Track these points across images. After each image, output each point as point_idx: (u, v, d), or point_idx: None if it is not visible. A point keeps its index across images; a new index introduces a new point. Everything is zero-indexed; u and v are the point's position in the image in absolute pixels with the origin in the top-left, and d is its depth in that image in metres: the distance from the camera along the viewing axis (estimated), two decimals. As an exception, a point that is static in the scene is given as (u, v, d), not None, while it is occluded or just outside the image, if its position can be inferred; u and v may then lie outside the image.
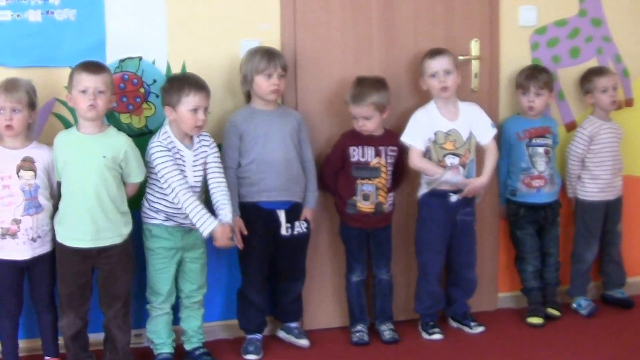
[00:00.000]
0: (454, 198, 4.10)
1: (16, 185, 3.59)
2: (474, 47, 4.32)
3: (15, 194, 3.59)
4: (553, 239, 4.42)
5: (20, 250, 3.61)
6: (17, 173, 3.60)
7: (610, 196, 4.47)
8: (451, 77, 4.06)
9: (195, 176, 3.77)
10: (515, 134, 4.32)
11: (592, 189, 4.43)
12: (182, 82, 3.73)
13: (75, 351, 3.74)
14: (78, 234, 3.61)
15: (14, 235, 3.59)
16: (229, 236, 3.72)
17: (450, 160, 4.09)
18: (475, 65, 4.33)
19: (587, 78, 4.44)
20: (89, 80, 3.56)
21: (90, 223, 3.59)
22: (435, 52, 4.08)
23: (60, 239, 3.65)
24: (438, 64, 4.05)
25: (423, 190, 4.17)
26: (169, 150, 3.71)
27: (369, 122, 4.01)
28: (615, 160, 4.44)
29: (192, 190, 3.73)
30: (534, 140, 4.30)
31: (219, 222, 3.70)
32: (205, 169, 3.81)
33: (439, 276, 4.23)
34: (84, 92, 3.56)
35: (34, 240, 3.63)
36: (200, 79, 3.77)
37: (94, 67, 3.61)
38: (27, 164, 3.63)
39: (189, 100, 3.68)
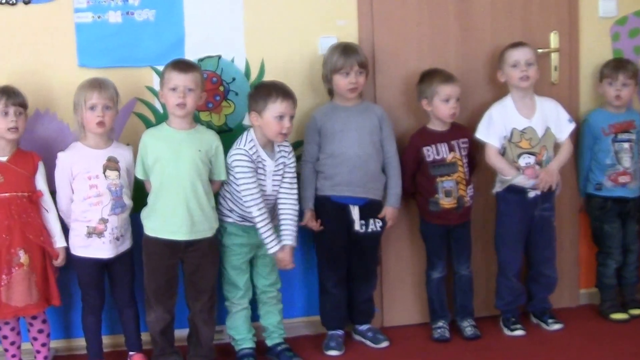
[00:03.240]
0: (532, 194, 4.07)
1: (103, 185, 3.65)
2: (553, 40, 4.26)
3: (103, 193, 3.65)
4: (633, 234, 4.33)
5: (105, 249, 3.67)
6: (104, 173, 3.66)
7: None
8: (532, 69, 4.03)
9: (273, 185, 3.81)
10: (600, 129, 4.25)
11: None
12: (270, 89, 3.75)
13: (162, 346, 3.79)
14: (173, 226, 3.66)
15: (100, 234, 3.65)
16: (288, 262, 3.78)
17: (526, 160, 4.06)
18: (554, 58, 4.28)
19: None
20: (178, 79, 3.63)
21: (187, 215, 3.65)
22: (518, 43, 4.07)
23: (150, 232, 3.71)
24: (521, 54, 4.02)
25: (498, 187, 4.15)
26: (252, 162, 3.72)
27: (459, 104, 4.00)
28: None
29: (269, 199, 3.77)
30: (619, 136, 4.23)
31: (281, 247, 3.75)
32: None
33: (518, 272, 4.19)
34: (173, 89, 3.64)
35: (117, 239, 3.68)
36: (287, 87, 3.78)
37: (184, 65, 3.69)
38: (112, 164, 3.69)
39: (276, 107, 3.69)
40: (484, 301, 4.28)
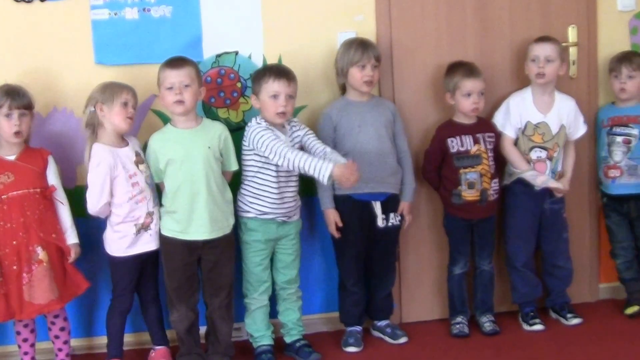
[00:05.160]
0: (537, 188, 4.07)
1: (142, 180, 3.65)
2: (572, 34, 4.25)
3: (145, 188, 3.65)
4: None
5: (152, 241, 3.69)
6: (138, 168, 3.66)
7: None
8: (551, 66, 4.03)
9: None
10: (601, 121, 4.27)
11: None
12: (265, 70, 3.78)
13: (189, 344, 3.78)
14: (193, 227, 3.65)
15: (147, 228, 3.65)
16: (353, 171, 3.53)
17: (537, 154, 4.07)
18: (572, 52, 4.26)
19: None
20: (172, 76, 3.62)
21: (207, 215, 3.64)
22: (541, 38, 4.07)
23: (170, 233, 3.69)
24: (541, 49, 4.02)
25: (506, 179, 4.16)
26: (269, 129, 3.71)
27: (482, 98, 3.99)
28: None
29: (288, 176, 3.75)
30: (614, 129, 4.22)
31: (336, 164, 3.57)
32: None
33: (527, 263, 4.18)
34: (170, 88, 3.62)
35: (157, 232, 3.70)
36: (284, 67, 3.78)
37: (176, 62, 3.66)
38: (140, 158, 3.69)
39: (268, 87, 3.70)
40: (503, 296, 4.27)
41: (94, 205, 3.62)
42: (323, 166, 3.53)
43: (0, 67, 3.78)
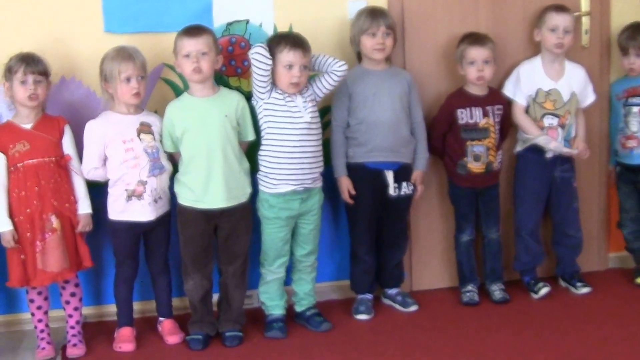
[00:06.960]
0: (549, 154, 4.07)
1: (139, 147, 3.64)
2: (584, 3, 4.22)
3: (140, 155, 3.64)
4: None
5: (145, 211, 3.67)
6: (138, 136, 3.65)
7: None
8: (568, 36, 4.02)
9: (311, 114, 3.75)
10: (615, 95, 4.26)
11: None
12: (280, 39, 3.73)
13: (202, 312, 3.80)
14: (209, 196, 3.65)
15: (139, 196, 3.65)
16: None
17: (549, 120, 4.06)
18: (585, 21, 4.24)
19: None
20: (190, 44, 3.60)
21: (222, 184, 3.64)
22: (561, 8, 4.04)
23: (186, 202, 3.70)
24: (561, 20, 4.00)
25: (519, 146, 4.16)
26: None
27: (488, 67, 3.97)
28: None
29: (311, 132, 3.74)
30: (630, 100, 4.20)
31: None
32: (316, 104, 3.80)
33: (533, 231, 4.19)
34: (187, 56, 3.61)
35: (156, 201, 3.68)
36: (300, 37, 3.74)
37: (194, 30, 3.64)
38: (146, 128, 3.68)
39: (283, 56, 3.67)
40: (513, 265, 4.27)
41: (84, 170, 3.67)
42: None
43: (9, 35, 3.76)
